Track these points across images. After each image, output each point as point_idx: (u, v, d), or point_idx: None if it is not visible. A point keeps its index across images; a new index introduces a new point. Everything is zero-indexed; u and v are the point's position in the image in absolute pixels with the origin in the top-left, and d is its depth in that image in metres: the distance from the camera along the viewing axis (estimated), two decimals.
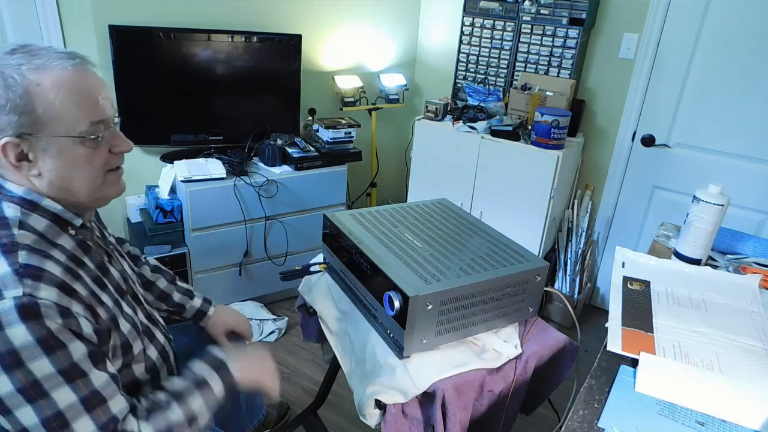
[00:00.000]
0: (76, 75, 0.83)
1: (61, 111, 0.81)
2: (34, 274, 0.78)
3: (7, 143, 0.80)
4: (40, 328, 0.75)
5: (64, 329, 0.77)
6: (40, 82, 0.79)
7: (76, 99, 0.82)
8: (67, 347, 0.78)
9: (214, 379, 0.98)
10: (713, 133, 2.28)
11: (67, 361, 0.77)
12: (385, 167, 3.25)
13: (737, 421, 0.84)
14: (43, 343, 0.75)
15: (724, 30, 2.16)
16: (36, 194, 0.85)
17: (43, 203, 0.85)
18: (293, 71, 2.52)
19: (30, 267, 0.78)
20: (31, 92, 0.79)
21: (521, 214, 2.41)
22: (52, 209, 0.86)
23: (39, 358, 0.75)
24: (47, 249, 0.83)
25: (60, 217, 0.87)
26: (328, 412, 1.95)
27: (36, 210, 0.85)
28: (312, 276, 1.40)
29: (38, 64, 0.80)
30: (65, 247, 0.86)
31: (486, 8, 2.57)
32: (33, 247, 0.81)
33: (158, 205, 2.18)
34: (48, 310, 0.76)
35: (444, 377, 1.06)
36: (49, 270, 0.80)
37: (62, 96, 0.81)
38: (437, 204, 1.46)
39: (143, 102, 2.23)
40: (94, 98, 0.85)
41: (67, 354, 0.77)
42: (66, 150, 0.83)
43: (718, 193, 1.26)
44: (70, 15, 2.04)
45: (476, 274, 1.10)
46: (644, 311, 1.11)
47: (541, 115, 2.24)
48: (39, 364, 0.75)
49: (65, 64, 0.82)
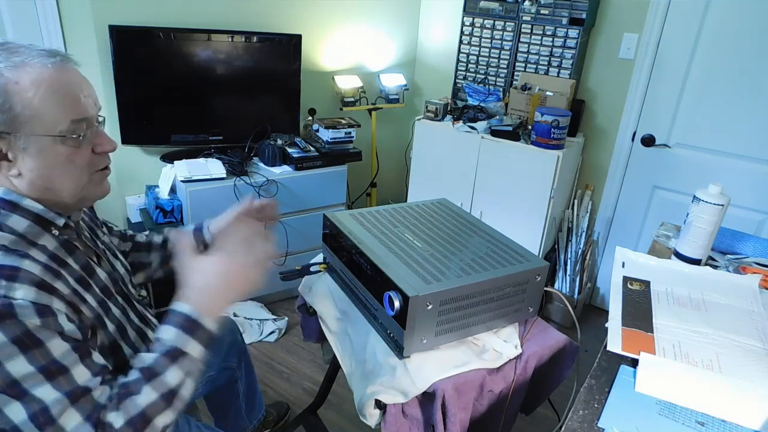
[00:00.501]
0: (57, 73, 0.82)
1: (40, 109, 0.80)
2: (9, 274, 0.76)
3: None
4: (15, 328, 0.74)
5: (41, 328, 0.76)
6: (19, 80, 0.78)
7: (57, 97, 0.81)
8: (44, 345, 0.76)
9: (189, 343, 0.86)
10: (713, 133, 2.28)
11: (46, 359, 0.76)
12: (385, 167, 3.25)
13: (737, 421, 0.84)
14: (18, 342, 0.74)
15: (724, 30, 2.16)
16: (16, 194, 0.84)
17: (23, 203, 0.84)
18: (293, 71, 2.52)
19: (5, 267, 0.77)
20: (9, 90, 0.78)
21: (521, 214, 2.41)
22: (33, 209, 0.85)
23: (15, 357, 0.74)
24: (25, 249, 0.81)
25: (42, 217, 0.86)
26: (328, 412, 1.95)
27: (16, 210, 0.83)
28: (312, 276, 1.40)
29: (17, 61, 0.79)
30: (47, 247, 0.85)
31: (486, 8, 2.57)
32: (9, 248, 0.80)
33: (158, 205, 2.18)
34: (23, 309, 0.75)
35: (444, 377, 1.06)
36: (26, 269, 0.78)
37: (41, 94, 0.80)
38: (437, 204, 1.46)
39: (143, 102, 2.23)
40: (75, 96, 0.84)
41: (45, 352, 0.76)
42: (46, 149, 0.82)
43: (718, 193, 1.26)
44: (70, 15, 2.04)
45: (476, 274, 1.10)
46: (644, 311, 1.11)
47: (541, 115, 2.24)
48: (15, 363, 0.74)
49: (45, 61, 0.81)
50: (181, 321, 0.86)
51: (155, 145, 2.36)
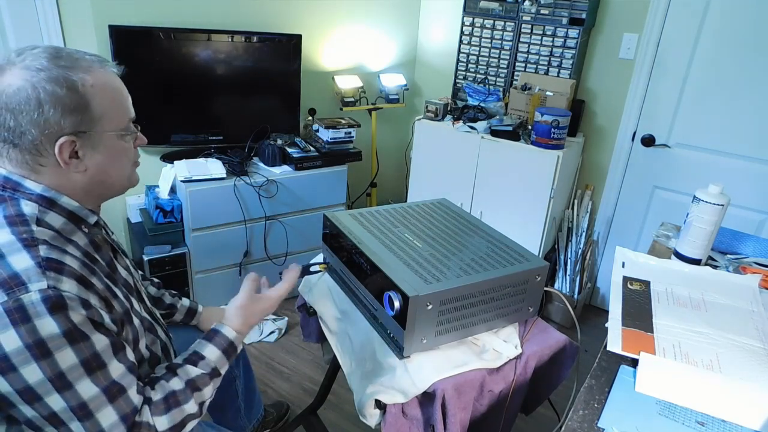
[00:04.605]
0: (114, 77, 0.92)
1: (110, 109, 0.88)
2: (56, 267, 0.80)
3: (65, 142, 0.84)
4: (66, 321, 0.78)
5: (86, 321, 0.80)
6: (94, 84, 0.86)
7: (119, 99, 0.91)
8: (90, 338, 0.80)
9: (224, 365, 1.01)
10: (713, 133, 2.28)
11: (89, 352, 0.80)
12: (385, 167, 3.25)
13: (737, 421, 0.84)
14: (68, 334, 0.78)
15: (724, 30, 2.16)
16: (54, 192, 0.88)
17: (60, 201, 0.88)
18: (293, 71, 2.52)
19: (52, 260, 0.80)
20: (87, 92, 0.85)
21: (521, 214, 2.41)
22: (69, 207, 0.89)
23: (64, 348, 0.78)
24: (63, 245, 0.85)
25: (75, 214, 0.90)
26: (328, 412, 1.95)
27: (53, 207, 0.87)
28: (312, 276, 1.40)
29: (86, 66, 0.86)
30: (79, 244, 0.89)
31: (486, 8, 2.57)
32: (51, 243, 0.83)
33: (158, 205, 2.18)
34: (72, 302, 0.78)
35: (444, 377, 1.06)
36: (68, 264, 0.82)
37: (109, 96, 0.88)
38: (437, 204, 1.46)
39: (143, 102, 2.20)
40: (127, 98, 0.94)
41: (90, 345, 0.80)
42: (111, 145, 0.90)
43: (718, 193, 1.26)
44: (70, 15, 2.04)
45: (476, 274, 1.10)
46: (644, 311, 1.11)
47: (541, 115, 2.24)
48: (64, 354, 0.78)
49: (106, 67, 0.90)
50: (226, 345, 1.02)
51: (155, 145, 2.36)
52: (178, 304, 1.39)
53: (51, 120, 0.82)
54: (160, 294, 1.36)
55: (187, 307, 1.40)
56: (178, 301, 1.39)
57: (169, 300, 1.37)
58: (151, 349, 1.02)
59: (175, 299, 1.39)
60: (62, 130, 0.83)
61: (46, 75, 0.81)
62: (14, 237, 0.81)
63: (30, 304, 0.76)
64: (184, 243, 2.27)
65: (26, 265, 0.78)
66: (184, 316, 1.40)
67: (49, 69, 0.82)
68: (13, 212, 0.84)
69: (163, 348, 1.08)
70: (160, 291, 1.37)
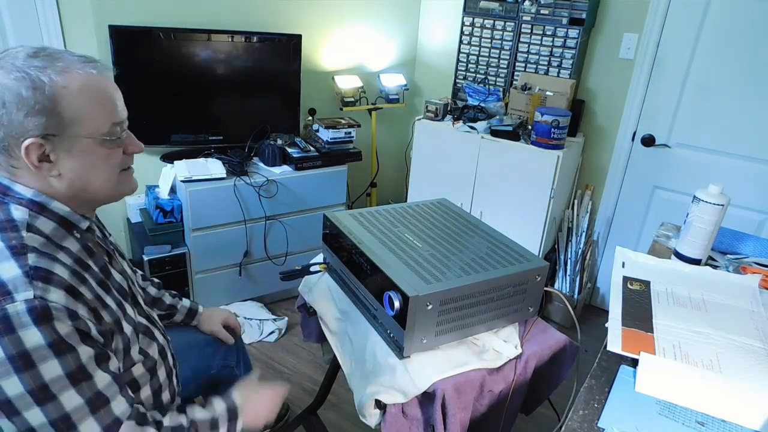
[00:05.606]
0: (99, 79, 0.86)
1: (85, 113, 0.83)
2: (44, 276, 0.78)
3: (31, 144, 0.81)
4: (52, 332, 0.76)
5: (74, 332, 0.78)
6: (67, 85, 0.81)
7: (100, 101, 0.85)
8: (75, 350, 0.78)
9: (223, 426, 1.01)
10: (713, 133, 2.28)
11: (75, 364, 0.78)
12: (385, 167, 3.25)
13: (737, 421, 0.84)
14: (54, 346, 0.76)
15: (724, 30, 2.16)
16: (45, 196, 0.86)
17: (51, 206, 0.86)
18: (293, 71, 2.52)
19: (40, 269, 0.78)
20: (57, 94, 0.80)
21: (521, 214, 2.41)
22: (60, 212, 0.87)
23: (49, 360, 0.76)
24: (54, 252, 0.83)
25: (67, 219, 0.88)
26: (328, 412, 1.95)
27: (44, 212, 0.85)
28: (312, 276, 1.40)
29: (62, 67, 0.82)
30: (71, 250, 0.87)
31: (486, 8, 2.57)
32: (41, 250, 0.81)
33: (158, 205, 2.18)
34: (58, 313, 0.77)
35: (444, 377, 1.06)
36: (58, 273, 0.80)
37: (87, 99, 0.83)
38: (437, 204, 1.46)
39: (143, 102, 2.23)
40: (113, 101, 0.88)
41: (75, 357, 0.78)
42: (88, 150, 0.86)
43: (718, 193, 1.26)
44: (70, 15, 2.04)
45: (476, 274, 1.10)
46: (644, 311, 1.11)
47: (541, 115, 2.24)
48: (48, 366, 0.76)
49: (87, 68, 0.85)
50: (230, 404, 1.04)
51: (155, 145, 2.36)
52: (179, 305, 1.38)
53: (14, 121, 0.79)
54: (160, 294, 1.35)
55: (187, 308, 1.40)
56: (179, 302, 1.39)
57: (170, 300, 1.37)
58: (147, 352, 1.00)
59: (176, 300, 1.38)
60: (27, 131, 0.80)
61: (15, 75, 0.79)
62: (3, 244, 0.79)
63: (15, 315, 0.74)
64: (184, 243, 2.27)
65: (13, 274, 0.77)
66: (185, 316, 1.39)
67: (19, 69, 0.79)
68: (3, 218, 0.82)
69: (161, 351, 1.07)
70: (160, 291, 1.36)
